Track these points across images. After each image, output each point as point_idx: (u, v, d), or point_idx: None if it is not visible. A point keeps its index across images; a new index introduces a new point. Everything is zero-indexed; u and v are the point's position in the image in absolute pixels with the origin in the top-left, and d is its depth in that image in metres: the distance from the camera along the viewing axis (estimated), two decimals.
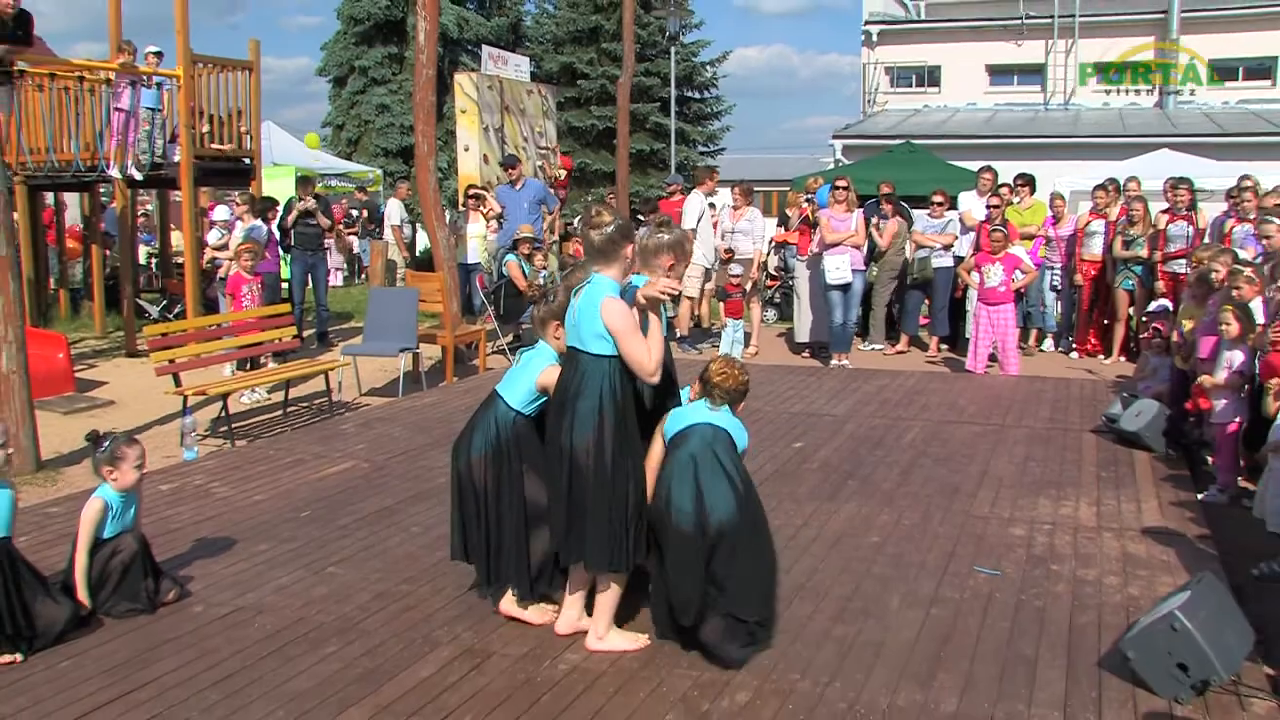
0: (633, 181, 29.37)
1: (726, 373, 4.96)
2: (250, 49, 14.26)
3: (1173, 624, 4.35)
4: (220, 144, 13.83)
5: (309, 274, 14.87)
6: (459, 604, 5.41)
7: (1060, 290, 13.66)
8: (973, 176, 14.45)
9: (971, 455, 8.32)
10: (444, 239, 13.02)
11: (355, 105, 38.03)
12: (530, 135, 17.48)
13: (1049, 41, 30.33)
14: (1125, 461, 8.15)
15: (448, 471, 7.63)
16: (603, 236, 4.68)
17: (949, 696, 4.41)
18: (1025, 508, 7.00)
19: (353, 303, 18.42)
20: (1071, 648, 4.87)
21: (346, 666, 4.70)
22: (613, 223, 4.72)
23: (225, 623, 5.17)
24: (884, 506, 6.99)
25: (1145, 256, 12.38)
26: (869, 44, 32.02)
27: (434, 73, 12.94)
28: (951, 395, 10.63)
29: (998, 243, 11.77)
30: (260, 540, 6.35)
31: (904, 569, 5.87)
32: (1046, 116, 29.22)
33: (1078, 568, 5.90)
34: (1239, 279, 7.70)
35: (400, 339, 11.64)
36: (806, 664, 4.70)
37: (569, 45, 40.33)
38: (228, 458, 8.53)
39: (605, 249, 4.70)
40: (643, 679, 4.56)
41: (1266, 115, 26.03)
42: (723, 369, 4.98)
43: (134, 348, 13.63)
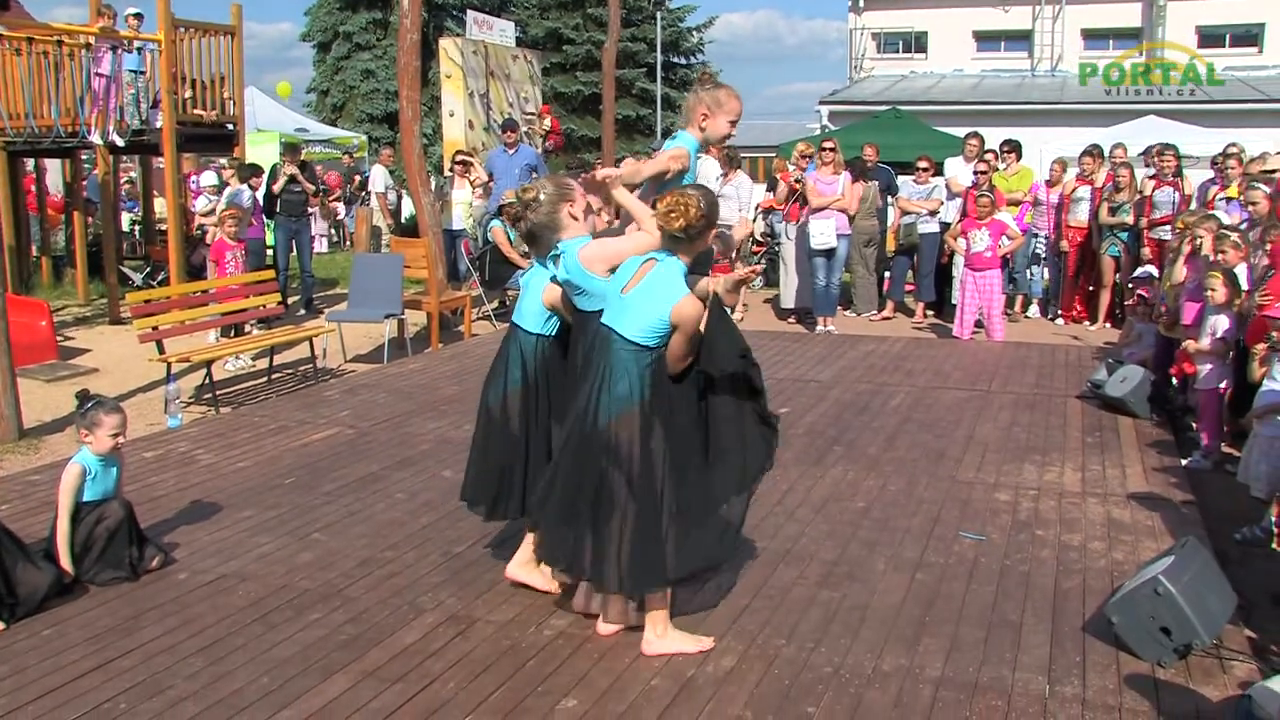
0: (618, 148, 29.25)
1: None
2: (233, 13, 14.10)
3: (1156, 588, 4.37)
4: (203, 110, 13.70)
5: (293, 240, 14.78)
6: (444, 570, 5.40)
7: (1046, 257, 13.65)
8: (959, 142, 14.41)
9: (957, 421, 8.33)
10: (429, 205, 12.95)
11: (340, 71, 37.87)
12: (516, 100, 17.39)
13: (1036, 7, 30.26)
14: (1110, 427, 8.17)
15: (431, 437, 7.74)
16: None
17: (934, 660, 4.42)
18: (1010, 473, 7.01)
19: (338, 269, 18.33)
20: (1056, 612, 4.89)
21: (331, 633, 4.68)
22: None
23: (209, 589, 5.15)
24: (869, 471, 7.00)
25: (1131, 223, 12.37)
26: (855, 10, 31.88)
27: (418, 38, 12.84)
28: (937, 361, 10.64)
29: (984, 209, 11.76)
30: (244, 507, 6.33)
31: (890, 534, 5.88)
32: (1033, 83, 29.16)
33: (1062, 533, 5.91)
34: (1225, 244, 7.70)
35: (385, 305, 11.59)
36: (792, 628, 4.71)
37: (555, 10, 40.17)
38: (212, 425, 8.50)
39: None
40: (628, 644, 4.55)
41: (1252, 82, 26.01)
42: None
43: (117, 315, 13.56)
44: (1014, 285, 13.49)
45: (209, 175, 14.93)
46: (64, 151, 15.19)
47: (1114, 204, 12.43)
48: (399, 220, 19.16)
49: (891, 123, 18.19)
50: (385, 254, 15.55)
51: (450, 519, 6.12)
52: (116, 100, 12.74)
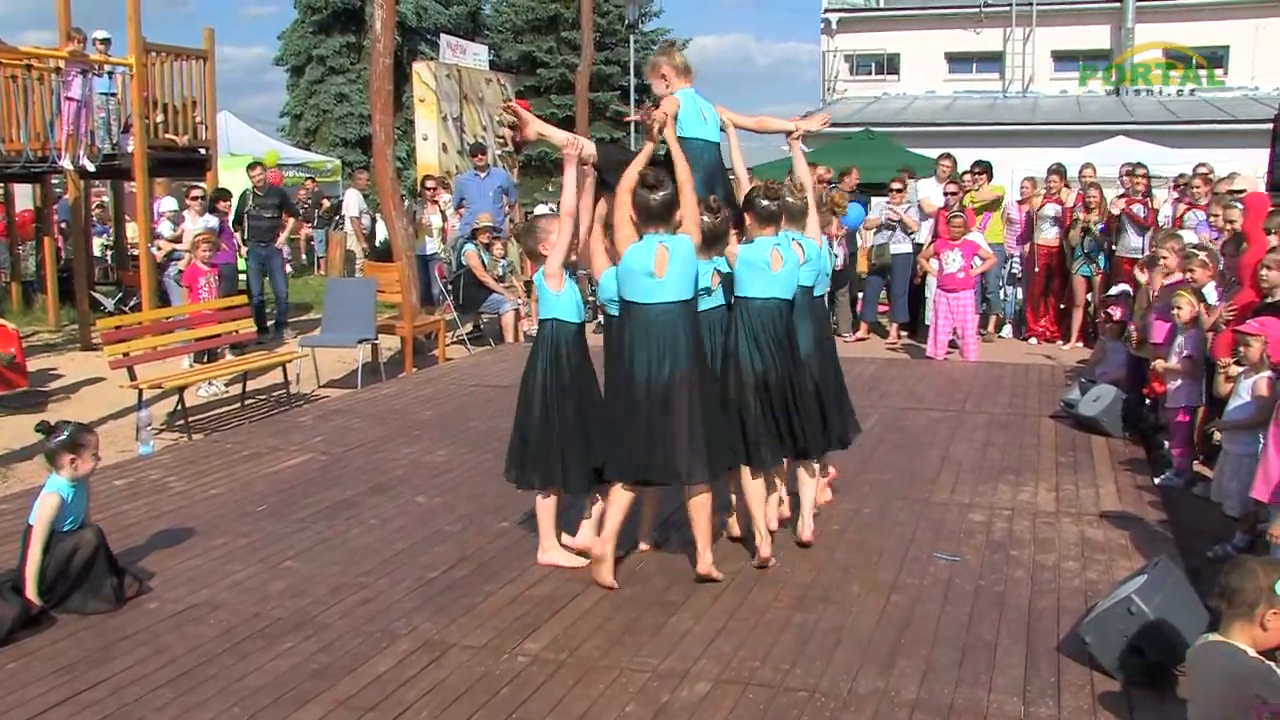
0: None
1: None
2: (205, 37, 14.09)
3: (1129, 608, 4.39)
4: (175, 134, 13.65)
5: (263, 266, 14.69)
6: (417, 595, 5.37)
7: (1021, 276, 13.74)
8: (932, 163, 14.49)
9: (931, 441, 8.35)
10: (402, 229, 12.93)
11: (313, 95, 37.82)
12: (489, 124, 17.39)
13: (1007, 29, 30.51)
14: (1083, 446, 8.20)
15: (405, 463, 7.72)
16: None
17: (909, 683, 4.41)
18: (985, 493, 7.03)
19: (311, 294, 18.27)
20: (1031, 632, 4.90)
21: (303, 662, 4.64)
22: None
23: (180, 619, 5.10)
24: (844, 494, 6.99)
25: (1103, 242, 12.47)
26: (828, 32, 32.09)
27: (391, 62, 12.86)
28: (911, 382, 10.66)
29: (957, 229, 11.82)
30: (216, 535, 6.28)
31: (864, 556, 5.88)
32: (1005, 104, 29.38)
33: (1037, 553, 5.93)
34: (1192, 263, 7.76)
35: (358, 330, 11.56)
36: (767, 651, 4.70)
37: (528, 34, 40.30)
38: (184, 451, 8.44)
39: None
40: (602, 669, 4.54)
41: (1218, 103, 26.29)
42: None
43: (89, 341, 13.45)
44: (987, 305, 13.56)
45: (168, 201, 14.83)
46: (33, 176, 15.09)
47: (1086, 224, 12.52)
48: (373, 244, 19.13)
49: (864, 144, 18.30)
50: (358, 278, 15.50)
51: (424, 544, 6.09)
52: (87, 125, 12.67)
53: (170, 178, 17.50)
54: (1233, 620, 3.51)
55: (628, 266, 5.31)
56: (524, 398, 5.64)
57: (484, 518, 6.56)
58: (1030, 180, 13.82)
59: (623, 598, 5.33)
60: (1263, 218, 7.47)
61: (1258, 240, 7.32)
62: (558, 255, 5.49)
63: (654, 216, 5.29)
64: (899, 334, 13.63)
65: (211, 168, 14.37)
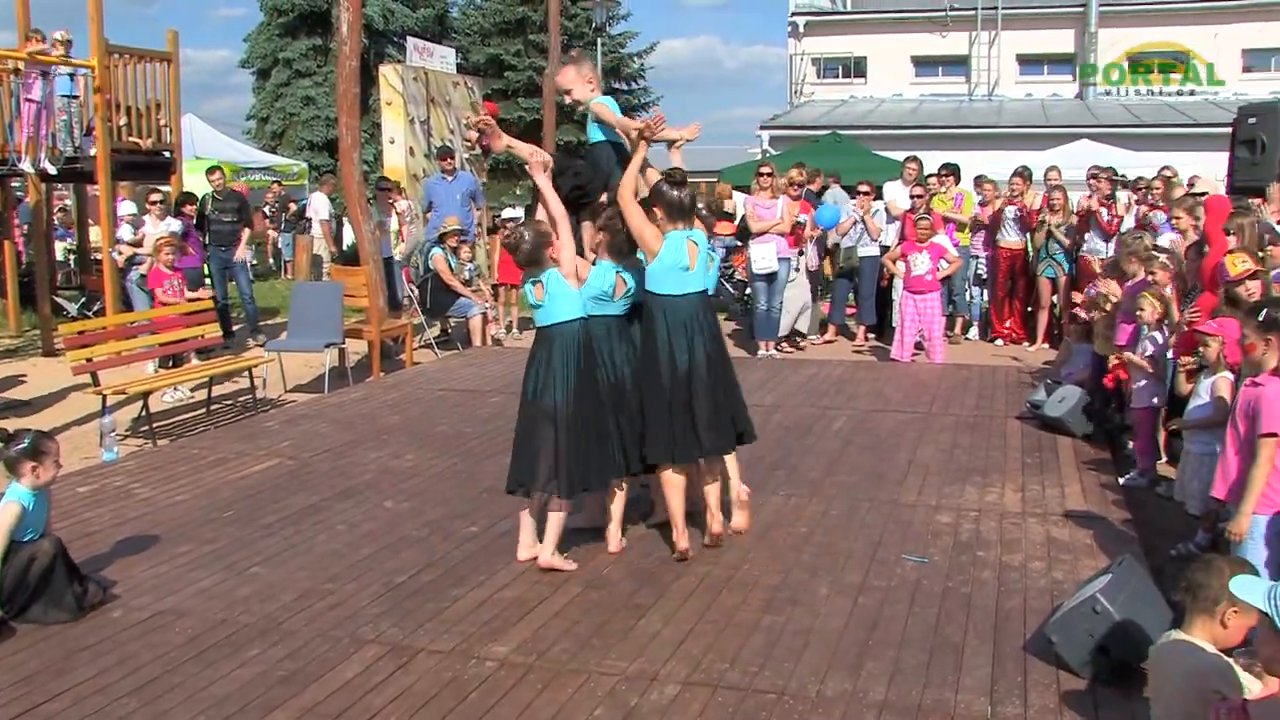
0: None
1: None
2: (168, 39, 14.00)
3: (1094, 607, 4.42)
4: (139, 137, 13.54)
5: (226, 270, 14.57)
6: (385, 600, 5.34)
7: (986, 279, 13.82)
8: (898, 166, 14.56)
9: (898, 443, 8.38)
10: (369, 232, 12.87)
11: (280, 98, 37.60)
12: (457, 128, 17.34)
13: (973, 33, 30.70)
14: (1049, 447, 8.26)
15: (373, 468, 7.69)
16: None
17: (877, 684, 4.43)
18: (952, 495, 7.06)
19: (278, 298, 18.17)
20: (997, 632, 4.92)
21: (269, 669, 4.61)
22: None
23: (145, 627, 5.06)
24: (812, 496, 7.02)
25: (1068, 244, 12.58)
26: (795, 35, 32.19)
27: (358, 65, 12.79)
28: (878, 384, 10.70)
29: (924, 231, 11.87)
30: (182, 542, 6.23)
31: (832, 558, 5.90)
32: (970, 107, 29.57)
33: (1003, 553, 5.96)
34: (1154, 264, 7.82)
35: (325, 334, 11.49)
36: (735, 654, 4.70)
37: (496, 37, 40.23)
38: (149, 458, 8.37)
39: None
40: (570, 673, 4.53)
41: (1180, 107, 26.56)
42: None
43: (51, 347, 13.32)
44: (954, 307, 13.63)
45: (126, 205, 14.70)
46: None
47: (1051, 226, 12.62)
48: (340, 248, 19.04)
49: (832, 147, 18.38)
50: (325, 282, 15.43)
51: (391, 549, 6.07)
52: (48, 127, 12.54)
53: (134, 181, 17.38)
54: (1195, 617, 3.55)
55: (664, 262, 5.72)
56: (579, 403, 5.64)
57: (451, 523, 6.54)
58: (991, 183, 13.92)
59: (591, 601, 5.33)
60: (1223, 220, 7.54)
61: (1218, 242, 7.38)
62: (569, 256, 5.68)
63: (685, 212, 5.79)
64: (866, 336, 13.68)
65: (176, 171, 14.27)
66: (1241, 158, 10.01)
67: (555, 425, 5.59)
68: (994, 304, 13.73)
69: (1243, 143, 9.99)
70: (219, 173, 14.94)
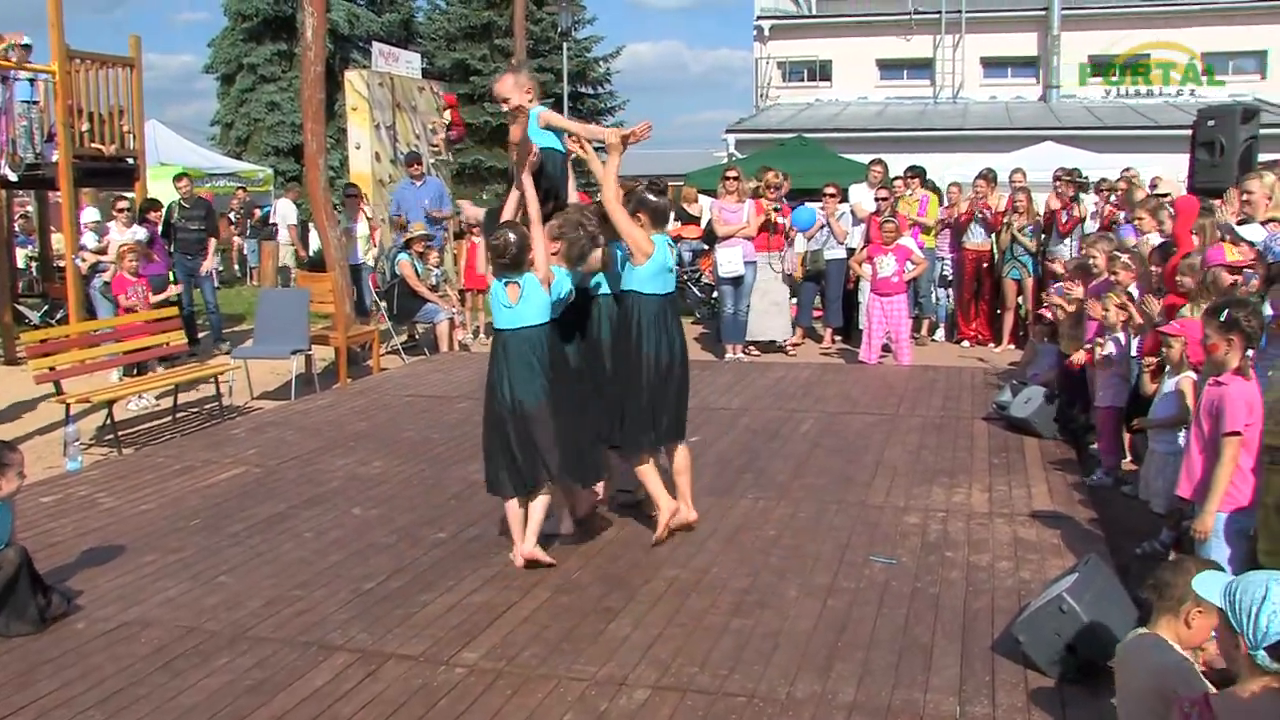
0: None
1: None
2: (131, 45, 13.87)
3: (1061, 606, 4.45)
4: (101, 143, 13.42)
5: (191, 277, 14.46)
6: (353, 606, 5.32)
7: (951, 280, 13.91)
8: (864, 169, 14.62)
9: (866, 445, 8.41)
10: (335, 238, 12.81)
11: (244, 103, 37.29)
12: (423, 133, 17.30)
13: (937, 37, 30.87)
14: (1015, 448, 8.31)
15: (340, 474, 7.66)
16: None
17: (847, 685, 4.44)
18: (919, 496, 7.09)
19: (244, 305, 18.06)
20: (966, 633, 4.95)
21: (237, 678, 4.58)
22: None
23: (109, 639, 5.01)
24: (780, 499, 7.04)
25: (1034, 247, 12.67)
26: (761, 39, 32.27)
27: (322, 70, 12.73)
28: (846, 386, 10.74)
29: (889, 234, 11.93)
30: (147, 551, 6.18)
31: (801, 560, 5.91)
32: (935, 110, 29.73)
33: (971, 554, 5.99)
34: (1117, 264, 7.89)
35: (292, 341, 11.43)
36: (705, 657, 4.71)
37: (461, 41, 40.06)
38: (114, 467, 8.30)
39: None
40: (540, 679, 4.52)
41: (1141, 109, 26.80)
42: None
43: (14, 355, 13.19)
44: (920, 309, 13.70)
45: (90, 211, 14.57)
46: None
47: (1017, 227, 12.71)
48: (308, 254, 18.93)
49: (797, 150, 18.44)
50: (291, 289, 15.35)
51: (359, 556, 6.05)
52: (8, 133, 12.40)
53: (97, 188, 17.23)
54: (1161, 616, 3.58)
55: (656, 263, 6.07)
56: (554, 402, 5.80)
57: (420, 528, 6.52)
58: (957, 186, 14.00)
59: (560, 605, 5.32)
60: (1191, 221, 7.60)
61: (1186, 244, 7.44)
62: (544, 260, 5.79)
63: (666, 219, 6.41)
64: (833, 339, 13.73)
65: (140, 178, 14.15)
66: (1201, 159, 10.10)
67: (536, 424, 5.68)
68: (960, 306, 13.83)
69: (1202, 145, 10.08)
70: (186, 179, 14.85)
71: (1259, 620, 2.67)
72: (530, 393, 5.67)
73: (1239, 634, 2.70)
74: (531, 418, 5.67)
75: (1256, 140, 10.04)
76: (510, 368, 5.70)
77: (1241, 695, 2.73)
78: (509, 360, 5.71)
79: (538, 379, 5.69)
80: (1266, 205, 7.27)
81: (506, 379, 5.70)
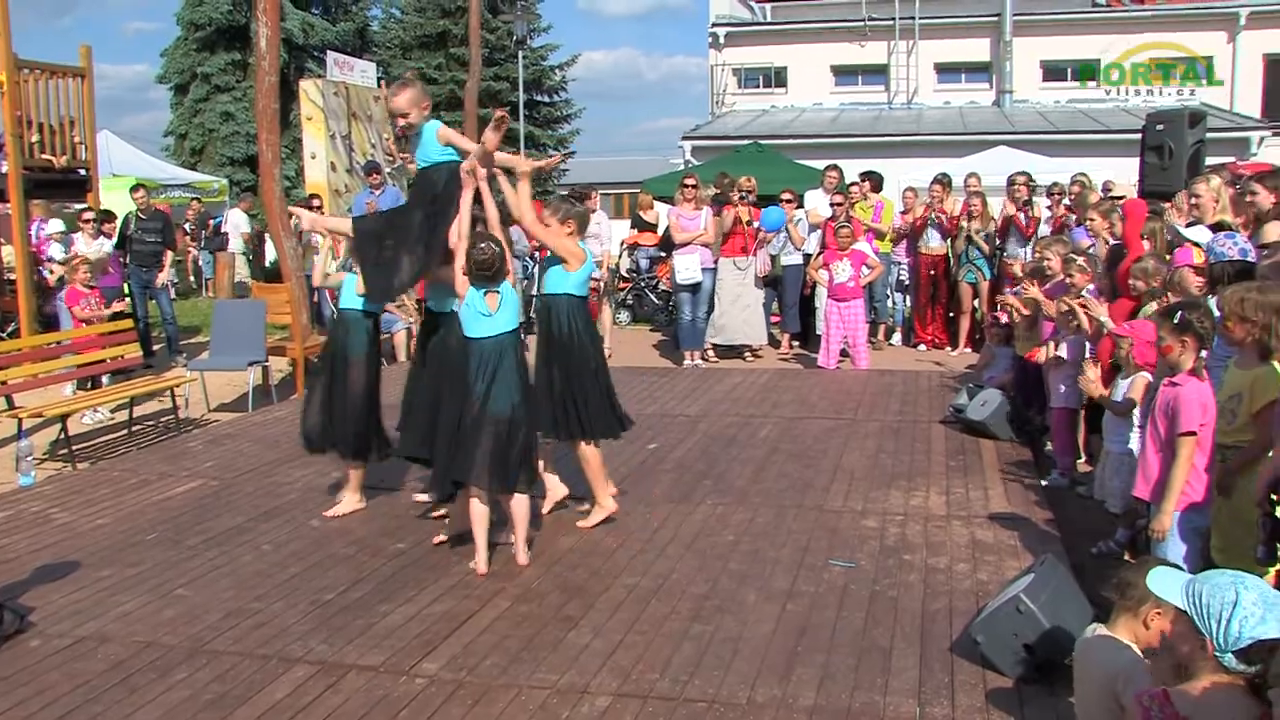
0: None
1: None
2: (81, 55, 13.72)
3: (1018, 606, 4.50)
4: (52, 155, 13.27)
5: (147, 289, 14.33)
6: (313, 618, 5.29)
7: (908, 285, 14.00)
8: (819, 175, 14.69)
9: (824, 450, 8.46)
10: (291, 249, 12.73)
11: (198, 113, 37.03)
12: (378, 142, 17.24)
13: (891, 43, 31.04)
14: (973, 450, 8.38)
15: (299, 486, 7.63)
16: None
17: (807, 689, 4.47)
18: (877, 499, 7.14)
19: (199, 316, 17.90)
20: (924, 635, 4.99)
21: (196, 693, 4.55)
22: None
23: (65, 655, 4.96)
24: (739, 504, 7.06)
25: (988, 250, 12.79)
26: (716, 46, 32.34)
27: (277, 79, 12.65)
28: (803, 391, 10.79)
29: (845, 239, 12.00)
30: (103, 566, 6.12)
31: (760, 565, 5.94)
32: (890, 115, 29.89)
33: (929, 556, 6.04)
34: (1072, 267, 7.97)
35: (248, 352, 11.35)
36: (665, 663, 4.72)
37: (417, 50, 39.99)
38: (68, 482, 8.21)
39: None
40: (501, 688, 4.52)
41: (1093, 114, 27.11)
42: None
43: None
44: (875, 313, 13.78)
45: (55, 223, 14.42)
46: None
47: (972, 231, 12.82)
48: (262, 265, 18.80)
49: (753, 156, 18.46)
50: (247, 300, 15.21)
51: (319, 568, 6.02)
52: None
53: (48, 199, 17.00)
54: (1120, 615, 3.63)
55: (587, 269, 6.49)
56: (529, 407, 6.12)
57: (379, 539, 6.50)
58: (912, 190, 14.10)
59: (520, 614, 5.32)
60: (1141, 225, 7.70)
61: (1136, 247, 7.53)
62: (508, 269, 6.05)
63: (587, 225, 6.99)
64: (790, 344, 13.78)
65: (92, 189, 13.99)
66: (1151, 163, 10.22)
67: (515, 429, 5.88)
68: (916, 310, 13.93)
69: (1152, 149, 10.20)
70: (143, 191, 14.70)
71: (1230, 626, 2.70)
72: (512, 397, 5.86)
73: (1206, 637, 2.74)
74: (516, 422, 5.86)
75: (1204, 144, 10.18)
76: (495, 373, 5.85)
77: (1198, 690, 2.77)
78: (492, 366, 5.87)
79: (521, 384, 5.95)
80: (1214, 208, 7.38)
81: (490, 384, 5.84)
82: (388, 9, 42.19)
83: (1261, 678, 2.67)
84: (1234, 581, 2.78)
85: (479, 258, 5.81)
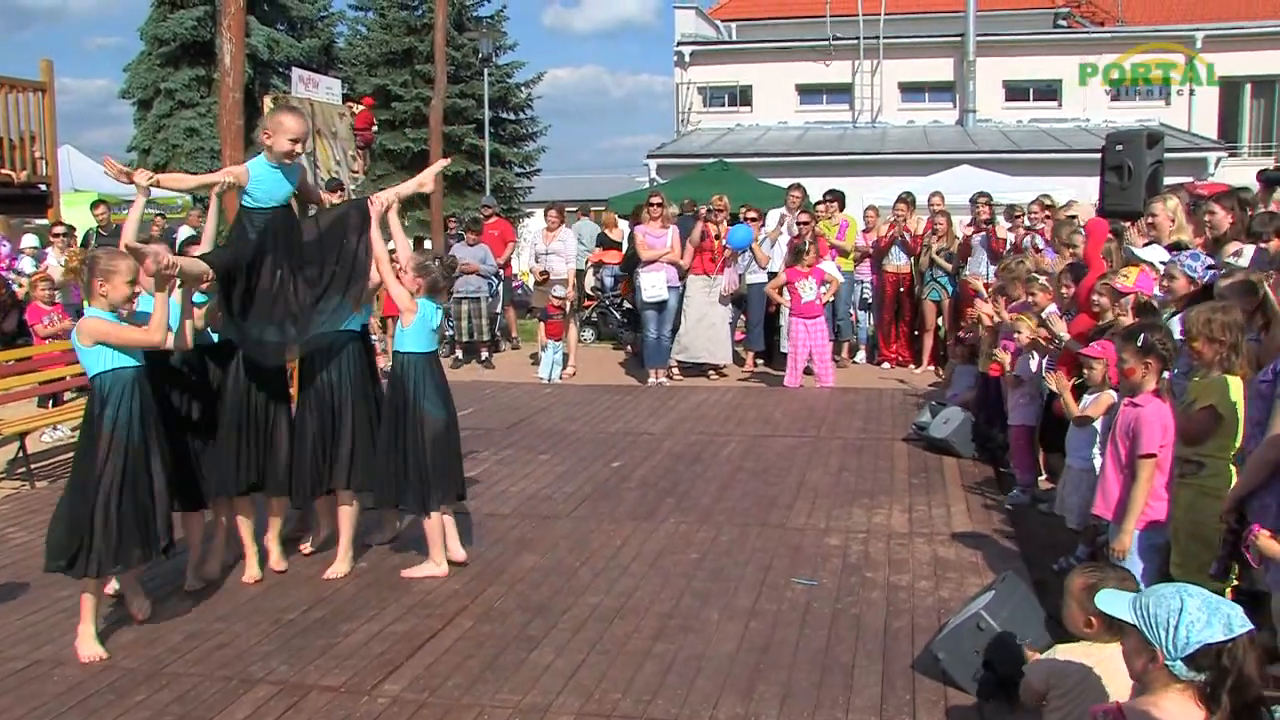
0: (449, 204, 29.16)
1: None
2: (42, 69, 13.66)
3: (979, 623, 4.53)
4: (12, 169, 13.17)
5: None
6: (274, 638, 5.26)
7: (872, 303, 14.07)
8: (783, 193, 14.75)
9: (788, 468, 8.48)
10: None
11: (162, 129, 36.77)
12: (343, 159, 17.19)
13: (856, 62, 31.24)
14: (935, 468, 8.43)
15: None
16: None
17: (769, 708, 4.47)
18: (840, 517, 7.17)
19: None
20: (886, 652, 5.01)
21: (156, 714, 4.51)
22: None
23: (20, 678, 4.90)
24: (702, 522, 7.07)
25: (950, 268, 12.87)
26: (681, 64, 32.47)
27: (241, 95, 12.62)
28: (767, 409, 10.82)
29: (809, 258, 12.04)
30: (61, 587, 6.01)
31: (723, 583, 5.95)
32: (854, 134, 30.08)
33: (891, 574, 6.07)
34: (1034, 286, 8.04)
35: None
36: (628, 683, 4.72)
37: (382, 67, 39.96)
38: (27, 501, 8.13)
39: None
40: (463, 708, 4.50)
41: (1055, 134, 27.38)
42: None
43: None
44: (838, 331, 13.83)
45: (29, 238, 14.31)
46: None
47: (937, 250, 12.90)
48: None
49: (718, 175, 18.52)
50: None
51: (281, 587, 5.98)
52: None
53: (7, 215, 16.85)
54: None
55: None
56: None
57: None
58: (874, 209, 14.18)
59: (482, 634, 5.31)
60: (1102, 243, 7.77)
61: (1097, 265, 7.60)
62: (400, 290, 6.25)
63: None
64: (755, 363, 13.80)
65: (53, 204, 13.90)
66: (1111, 183, 10.31)
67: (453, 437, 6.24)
68: (880, 328, 14.00)
69: (1111, 169, 10.30)
70: (104, 206, 14.61)
71: (1178, 632, 2.74)
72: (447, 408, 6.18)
73: (1156, 647, 2.77)
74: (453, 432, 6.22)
75: (1162, 164, 10.29)
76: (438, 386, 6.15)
77: (1150, 703, 2.80)
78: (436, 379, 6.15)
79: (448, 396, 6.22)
80: (1170, 228, 7.46)
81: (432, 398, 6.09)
82: (354, 26, 42.14)
83: (1210, 684, 2.71)
84: (1178, 590, 2.83)
85: (441, 273, 6.14)
